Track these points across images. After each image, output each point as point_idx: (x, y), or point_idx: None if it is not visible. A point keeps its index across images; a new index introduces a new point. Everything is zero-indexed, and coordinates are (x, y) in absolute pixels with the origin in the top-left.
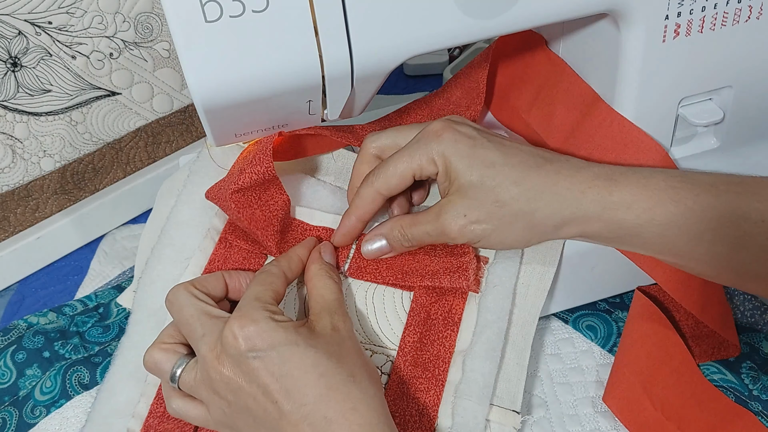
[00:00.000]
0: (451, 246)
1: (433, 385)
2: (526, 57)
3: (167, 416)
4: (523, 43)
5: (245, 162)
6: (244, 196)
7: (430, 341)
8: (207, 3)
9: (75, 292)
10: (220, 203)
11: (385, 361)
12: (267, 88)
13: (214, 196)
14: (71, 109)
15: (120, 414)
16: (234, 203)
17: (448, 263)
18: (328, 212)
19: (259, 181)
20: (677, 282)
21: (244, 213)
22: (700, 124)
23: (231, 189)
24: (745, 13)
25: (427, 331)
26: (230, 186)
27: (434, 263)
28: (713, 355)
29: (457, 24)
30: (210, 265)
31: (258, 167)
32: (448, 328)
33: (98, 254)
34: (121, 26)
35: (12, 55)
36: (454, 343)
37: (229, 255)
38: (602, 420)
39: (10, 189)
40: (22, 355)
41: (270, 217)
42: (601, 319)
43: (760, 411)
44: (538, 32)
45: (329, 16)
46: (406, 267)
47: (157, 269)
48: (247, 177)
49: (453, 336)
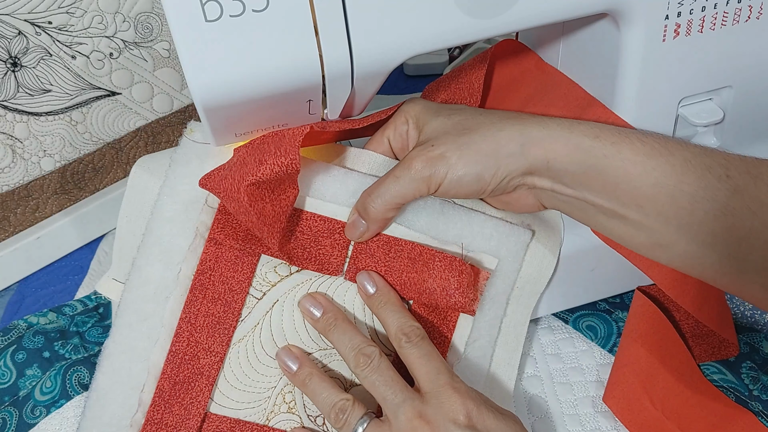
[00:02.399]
0: (449, 259)
1: None
2: (515, 68)
3: (165, 422)
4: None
5: (265, 153)
6: (258, 189)
7: None
8: (207, 2)
9: (75, 292)
10: (223, 194)
11: None
12: (267, 88)
13: (213, 185)
14: (71, 109)
15: (116, 424)
16: (248, 196)
17: (446, 281)
18: (340, 204)
19: (280, 174)
20: (674, 281)
21: (255, 207)
22: (700, 124)
23: (247, 181)
24: (745, 13)
25: None
26: (245, 177)
27: (433, 279)
28: (713, 355)
29: (457, 24)
30: (202, 266)
31: (283, 159)
32: (442, 335)
33: (98, 254)
34: (121, 26)
35: (12, 55)
36: (446, 351)
37: (221, 254)
38: (602, 420)
39: (10, 189)
40: (22, 355)
41: (279, 213)
42: (601, 319)
43: (760, 411)
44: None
45: (329, 15)
46: (405, 277)
47: (146, 270)
48: (268, 169)
49: (446, 343)
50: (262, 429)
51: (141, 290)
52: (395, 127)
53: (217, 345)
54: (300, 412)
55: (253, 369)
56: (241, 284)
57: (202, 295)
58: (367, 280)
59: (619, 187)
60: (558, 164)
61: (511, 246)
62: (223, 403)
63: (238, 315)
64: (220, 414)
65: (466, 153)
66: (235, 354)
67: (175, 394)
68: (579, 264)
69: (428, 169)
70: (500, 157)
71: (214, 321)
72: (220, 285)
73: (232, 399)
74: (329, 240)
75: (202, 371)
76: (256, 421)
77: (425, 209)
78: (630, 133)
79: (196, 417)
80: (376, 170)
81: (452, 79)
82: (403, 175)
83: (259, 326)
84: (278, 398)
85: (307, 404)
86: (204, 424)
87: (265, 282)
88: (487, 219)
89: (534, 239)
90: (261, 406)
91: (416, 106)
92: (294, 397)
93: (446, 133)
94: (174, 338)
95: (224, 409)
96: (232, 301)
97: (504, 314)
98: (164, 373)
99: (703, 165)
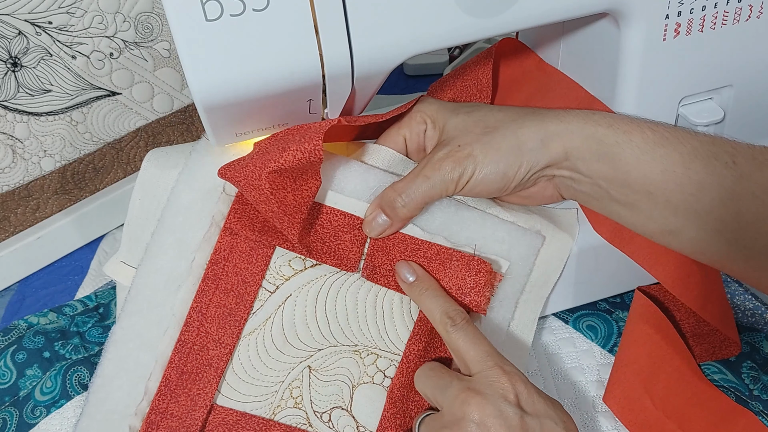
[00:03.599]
0: (466, 258)
1: None
2: (517, 69)
3: (170, 412)
4: (515, 56)
5: (289, 141)
6: (280, 177)
7: (433, 349)
8: (207, 2)
9: (75, 292)
10: (243, 182)
11: (389, 365)
12: (267, 87)
13: (232, 175)
14: (71, 109)
15: (121, 411)
16: (269, 184)
17: (462, 281)
18: (360, 199)
19: (303, 161)
20: (677, 279)
21: (277, 196)
22: (701, 123)
23: (269, 168)
24: (746, 13)
25: (431, 341)
26: (268, 164)
27: (449, 279)
28: (713, 355)
29: (457, 23)
30: (215, 256)
31: (306, 145)
32: None
33: (98, 254)
34: (122, 26)
35: (12, 55)
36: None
37: (235, 245)
38: (602, 420)
39: (11, 189)
40: (23, 355)
41: (300, 203)
42: (601, 319)
43: (760, 411)
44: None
45: (329, 15)
46: None
47: (159, 258)
48: (290, 156)
49: None
50: (267, 423)
51: (153, 278)
52: (411, 127)
53: (227, 336)
54: (306, 407)
55: (262, 362)
56: (254, 276)
57: (215, 285)
58: (406, 269)
59: (630, 174)
60: (575, 154)
61: (522, 250)
62: (230, 395)
63: (249, 307)
64: (227, 406)
65: (490, 151)
66: (245, 346)
67: (182, 384)
68: (579, 264)
69: (458, 169)
70: (522, 153)
71: (225, 312)
72: (233, 276)
73: (240, 392)
74: (349, 235)
75: (210, 362)
76: (262, 415)
77: (440, 211)
78: (641, 122)
79: (202, 408)
80: (394, 167)
81: (457, 78)
82: (434, 176)
83: (271, 320)
84: (285, 392)
85: (314, 399)
86: (210, 416)
87: (279, 275)
88: (500, 222)
89: (544, 244)
90: (268, 400)
91: (432, 105)
92: (301, 392)
93: (468, 131)
94: (183, 328)
95: (231, 401)
96: (244, 293)
97: (512, 318)
98: (171, 362)
99: (711, 153)
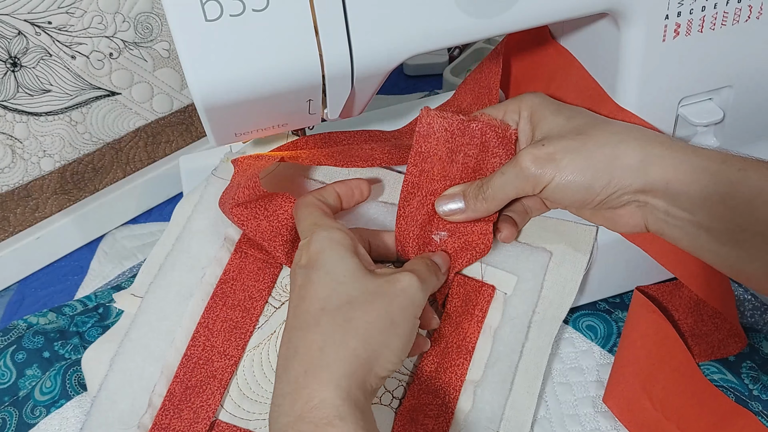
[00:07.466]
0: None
1: (443, 412)
2: (534, 51)
3: (172, 428)
4: (531, 37)
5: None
6: (246, 209)
7: (443, 369)
8: (207, 2)
9: (75, 292)
10: (226, 214)
11: (397, 386)
12: (267, 88)
13: (221, 206)
14: (71, 109)
15: (123, 423)
16: (236, 218)
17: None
18: None
19: (252, 197)
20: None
21: (249, 225)
22: (700, 123)
23: (231, 204)
24: (745, 13)
25: (442, 360)
26: (230, 200)
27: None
28: (713, 355)
29: (457, 23)
30: (225, 275)
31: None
32: (461, 356)
33: (98, 254)
34: (121, 26)
35: (12, 55)
36: (465, 372)
37: (245, 265)
38: (602, 420)
39: (10, 189)
40: (22, 355)
41: (278, 227)
42: (601, 319)
43: (760, 411)
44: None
45: (329, 15)
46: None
47: (171, 275)
48: (241, 192)
49: (465, 365)
50: None
51: (164, 291)
52: (505, 114)
53: (233, 348)
54: None
55: (266, 378)
56: (261, 292)
57: (223, 302)
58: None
59: (742, 212)
60: (678, 186)
61: (530, 265)
62: (234, 411)
63: (255, 321)
64: (230, 423)
65: (577, 158)
66: (249, 361)
67: (186, 399)
68: None
69: (535, 167)
70: (615, 168)
71: (231, 325)
72: (241, 293)
73: (243, 408)
74: None
75: (215, 374)
76: None
77: None
78: (754, 160)
79: (204, 422)
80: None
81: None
82: (509, 171)
83: (276, 335)
84: None
85: None
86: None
87: (285, 292)
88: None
89: (554, 262)
90: None
91: (535, 98)
92: None
93: (562, 136)
94: (190, 342)
95: (234, 418)
96: (251, 307)
97: (526, 339)
98: (177, 377)
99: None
